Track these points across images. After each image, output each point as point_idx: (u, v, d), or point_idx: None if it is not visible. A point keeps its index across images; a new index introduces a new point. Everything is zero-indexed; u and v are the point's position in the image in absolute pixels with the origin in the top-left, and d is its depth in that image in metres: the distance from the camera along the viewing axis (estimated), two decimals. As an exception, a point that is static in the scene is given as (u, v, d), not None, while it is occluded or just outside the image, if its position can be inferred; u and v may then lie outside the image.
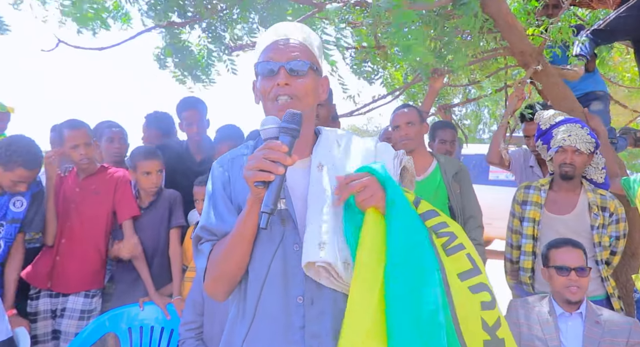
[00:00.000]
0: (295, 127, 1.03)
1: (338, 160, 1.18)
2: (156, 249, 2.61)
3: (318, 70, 1.18)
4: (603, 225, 2.44)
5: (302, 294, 1.09)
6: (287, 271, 1.09)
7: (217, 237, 1.17)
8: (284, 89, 1.12)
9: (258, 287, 1.11)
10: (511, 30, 2.56)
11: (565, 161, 2.47)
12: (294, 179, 1.15)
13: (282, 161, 0.98)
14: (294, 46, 1.15)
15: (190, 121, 2.96)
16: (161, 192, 2.69)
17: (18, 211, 2.39)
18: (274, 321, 1.10)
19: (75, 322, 2.48)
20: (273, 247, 1.10)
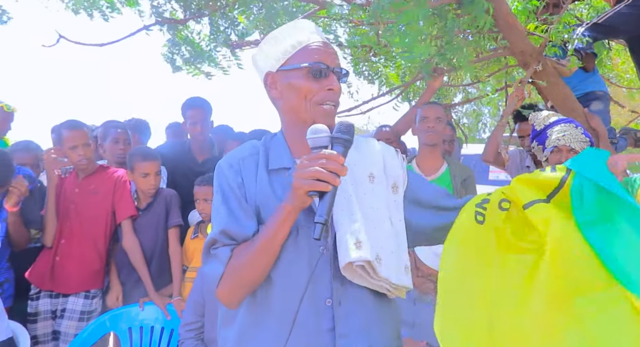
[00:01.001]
0: (349, 138, 1.03)
1: (351, 161, 1.18)
2: (155, 249, 2.61)
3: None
4: None
5: (331, 296, 1.09)
6: (315, 274, 1.07)
7: (237, 242, 1.11)
8: (333, 95, 1.14)
9: (290, 294, 1.07)
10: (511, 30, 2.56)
11: (560, 161, 2.48)
12: None
13: (339, 172, 0.98)
14: (332, 50, 1.18)
15: (195, 120, 2.96)
16: (159, 193, 2.68)
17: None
18: (303, 326, 1.07)
19: (75, 323, 2.47)
20: (316, 254, 1.08)
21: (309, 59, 1.15)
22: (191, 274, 2.52)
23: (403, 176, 1.25)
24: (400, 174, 1.24)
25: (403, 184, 1.24)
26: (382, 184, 1.18)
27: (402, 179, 1.24)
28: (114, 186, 2.61)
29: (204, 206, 2.54)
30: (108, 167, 2.73)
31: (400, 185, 1.23)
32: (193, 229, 2.68)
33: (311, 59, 1.14)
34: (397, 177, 1.23)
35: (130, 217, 2.59)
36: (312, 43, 1.17)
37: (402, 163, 1.26)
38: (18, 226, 2.39)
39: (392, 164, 1.25)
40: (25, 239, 2.47)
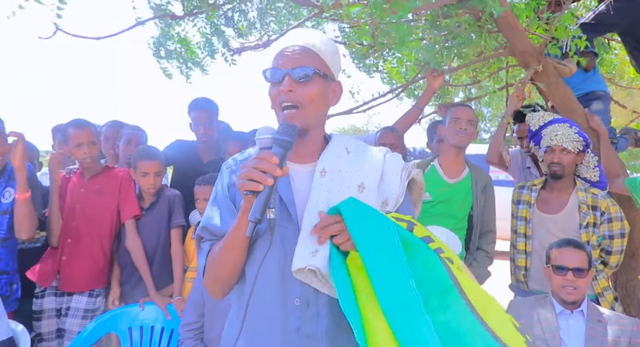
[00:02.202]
0: (287, 139, 1.05)
1: (345, 167, 1.19)
2: (157, 249, 2.61)
3: (326, 76, 1.18)
4: (594, 224, 2.44)
5: (299, 296, 1.11)
6: (285, 273, 1.10)
7: (217, 238, 1.19)
8: (287, 96, 1.13)
9: (250, 289, 1.13)
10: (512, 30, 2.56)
11: (554, 160, 2.50)
12: (300, 183, 1.18)
13: (271, 172, 1.00)
14: (300, 53, 1.15)
15: (198, 122, 2.97)
16: (162, 193, 2.69)
17: (7, 202, 2.38)
18: (271, 321, 1.12)
19: (79, 321, 2.48)
20: (262, 254, 1.11)
21: (269, 67, 1.18)
22: (192, 274, 2.52)
23: (398, 195, 1.20)
24: (395, 192, 1.20)
25: (394, 205, 1.19)
26: (372, 197, 1.15)
27: (395, 198, 1.20)
28: (119, 185, 2.62)
29: (204, 205, 2.54)
30: (113, 167, 2.74)
31: (390, 203, 1.19)
32: (193, 228, 2.68)
33: (270, 65, 1.18)
34: (391, 195, 1.20)
35: (134, 217, 2.60)
36: (279, 50, 1.18)
37: (403, 183, 1.21)
38: (29, 211, 2.33)
39: (391, 180, 1.21)
40: (35, 226, 2.40)
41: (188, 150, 3.05)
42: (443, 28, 2.67)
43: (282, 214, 1.14)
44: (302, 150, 1.21)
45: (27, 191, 2.30)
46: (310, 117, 1.15)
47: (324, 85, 1.17)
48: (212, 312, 2.17)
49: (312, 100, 1.15)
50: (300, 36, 1.19)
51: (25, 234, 2.34)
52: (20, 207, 2.30)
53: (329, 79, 1.19)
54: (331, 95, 1.22)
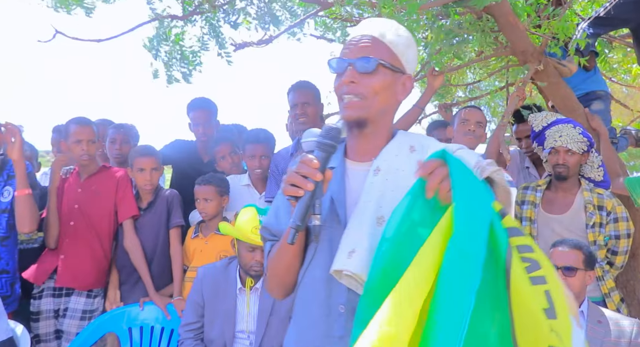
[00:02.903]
0: (329, 142, 0.99)
1: (403, 166, 1.09)
2: (155, 249, 2.61)
3: (394, 68, 1.09)
4: (600, 224, 2.43)
5: (345, 303, 1.05)
6: (332, 277, 1.04)
7: (277, 238, 1.18)
8: (348, 88, 1.07)
9: (295, 293, 1.12)
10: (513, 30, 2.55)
11: (558, 162, 2.49)
12: (355, 182, 1.11)
13: (311, 177, 0.95)
14: (367, 43, 1.09)
15: (197, 122, 2.96)
16: (159, 192, 2.69)
17: (6, 201, 2.38)
18: (314, 327, 1.08)
19: (77, 322, 2.48)
20: (307, 260, 1.08)
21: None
22: (191, 273, 2.51)
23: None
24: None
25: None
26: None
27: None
28: (116, 185, 2.62)
29: (204, 205, 2.53)
30: (110, 167, 2.74)
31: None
32: (193, 228, 2.68)
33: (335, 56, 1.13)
34: None
35: (132, 217, 2.60)
36: (348, 40, 1.13)
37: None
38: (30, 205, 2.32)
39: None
40: (36, 219, 2.40)
41: (187, 150, 3.04)
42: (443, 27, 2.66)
43: (331, 215, 1.08)
44: (361, 147, 1.14)
45: (27, 187, 2.30)
46: (372, 110, 1.08)
47: (391, 78, 1.10)
48: (212, 313, 2.17)
49: (375, 93, 1.07)
50: (371, 26, 1.13)
51: (27, 227, 2.33)
52: (20, 202, 2.29)
53: (398, 72, 1.11)
54: (400, 89, 1.13)
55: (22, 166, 2.29)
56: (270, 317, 2.10)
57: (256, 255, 2.09)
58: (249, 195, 2.74)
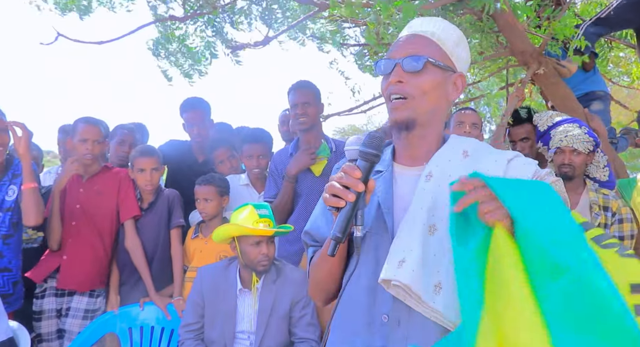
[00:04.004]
0: (372, 151, 0.95)
1: (456, 172, 1.02)
2: (156, 249, 2.61)
3: (445, 67, 1.05)
4: (605, 225, 2.43)
5: (388, 312, 1.00)
6: (377, 285, 1.00)
7: (319, 243, 1.16)
8: (395, 87, 1.03)
9: (337, 301, 1.05)
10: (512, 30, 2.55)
11: (564, 162, 2.47)
12: (404, 187, 1.06)
13: (353, 187, 0.92)
14: (415, 41, 1.05)
15: (191, 123, 2.96)
16: (160, 193, 2.69)
17: (10, 199, 2.39)
18: (354, 336, 1.04)
19: (79, 322, 2.48)
20: (350, 270, 1.02)
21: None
22: (191, 274, 2.52)
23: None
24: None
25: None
26: None
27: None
28: (118, 185, 2.63)
29: (204, 205, 2.54)
30: (112, 167, 2.74)
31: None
32: (193, 229, 2.68)
33: (382, 57, 1.10)
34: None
35: (133, 217, 2.60)
36: (396, 40, 1.10)
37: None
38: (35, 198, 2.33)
39: None
40: (41, 212, 2.40)
41: (182, 149, 3.05)
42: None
43: (378, 222, 1.04)
44: (411, 151, 1.09)
45: (33, 181, 2.32)
46: (421, 110, 1.03)
47: (441, 77, 1.05)
48: (212, 313, 2.18)
49: (424, 93, 1.03)
50: (420, 24, 1.09)
51: (32, 220, 2.34)
52: (26, 195, 2.31)
53: (449, 70, 1.06)
54: (451, 89, 1.08)
55: (29, 160, 2.31)
56: (270, 317, 2.11)
57: (262, 248, 2.08)
58: (248, 194, 2.75)
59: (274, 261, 2.18)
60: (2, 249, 2.36)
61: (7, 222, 2.38)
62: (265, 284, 2.15)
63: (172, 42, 2.95)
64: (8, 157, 2.44)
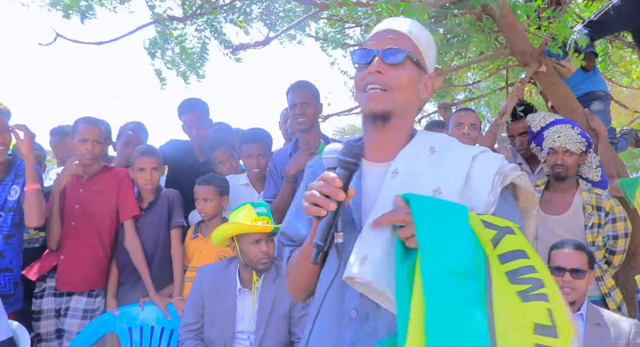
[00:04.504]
0: (351, 160, 0.96)
1: (422, 169, 1.04)
2: (156, 249, 2.61)
3: (420, 64, 1.07)
4: (599, 224, 2.44)
5: (357, 307, 1.02)
6: (344, 282, 1.01)
7: (296, 243, 1.18)
8: (374, 78, 1.03)
9: (317, 302, 1.09)
10: (512, 30, 2.55)
11: (557, 162, 2.50)
12: (372, 184, 1.08)
13: (334, 196, 0.93)
14: (395, 35, 1.06)
15: (190, 125, 2.96)
16: (160, 192, 2.69)
17: (12, 199, 2.40)
18: (327, 333, 1.06)
19: (78, 322, 2.48)
20: (330, 278, 1.03)
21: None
22: (191, 273, 2.52)
23: (487, 203, 1.01)
24: (483, 199, 1.01)
25: (483, 214, 1.00)
26: None
27: (483, 206, 1.01)
28: (118, 185, 2.63)
29: (203, 205, 2.54)
30: (112, 167, 2.74)
31: (477, 212, 1.00)
32: (193, 228, 2.68)
33: (360, 47, 1.10)
34: (477, 202, 1.01)
35: (133, 217, 2.60)
36: (370, 35, 1.11)
37: (496, 189, 1.02)
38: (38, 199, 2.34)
39: (478, 186, 1.02)
40: (44, 213, 2.42)
41: (183, 149, 3.04)
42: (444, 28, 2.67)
43: (346, 219, 1.04)
44: (380, 147, 1.09)
45: (36, 182, 2.32)
46: (397, 103, 1.04)
47: (416, 74, 1.07)
48: (212, 313, 2.18)
49: (401, 86, 1.04)
50: (396, 22, 1.11)
51: (35, 221, 2.35)
52: (29, 196, 2.32)
53: (422, 69, 1.09)
54: (423, 88, 1.10)
55: (32, 161, 2.32)
56: (270, 317, 2.11)
57: (262, 246, 2.09)
58: (247, 194, 2.74)
59: (273, 260, 2.18)
60: (4, 249, 2.37)
61: (9, 222, 2.39)
62: (265, 283, 2.15)
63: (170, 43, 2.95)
64: (10, 158, 2.44)
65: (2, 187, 2.39)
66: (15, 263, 2.42)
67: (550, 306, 0.88)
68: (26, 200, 2.33)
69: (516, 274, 0.91)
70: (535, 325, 0.86)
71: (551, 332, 0.85)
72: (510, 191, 1.10)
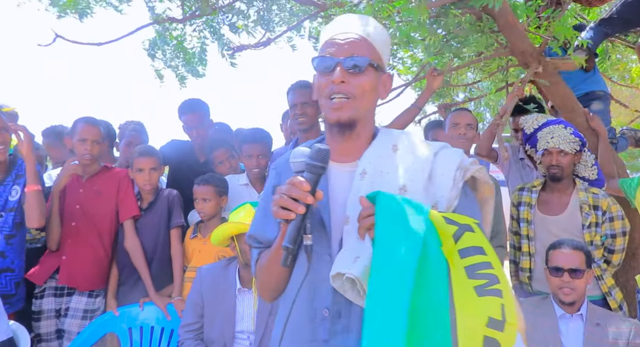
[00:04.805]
0: (319, 164, 0.98)
1: (387, 168, 1.08)
2: (156, 249, 2.61)
3: (379, 67, 1.10)
4: (596, 224, 2.45)
5: (329, 306, 1.05)
6: (315, 281, 1.05)
7: (263, 245, 1.19)
8: (338, 87, 1.05)
9: (288, 302, 1.10)
10: (512, 30, 2.55)
11: (552, 163, 2.51)
12: (338, 184, 1.11)
13: (302, 200, 0.96)
14: (354, 41, 1.07)
15: (190, 125, 2.97)
16: (160, 193, 2.69)
17: (13, 200, 2.40)
18: (300, 332, 1.08)
19: (78, 322, 2.48)
20: (300, 279, 1.06)
21: (319, 54, 1.10)
22: (190, 273, 2.52)
23: (450, 198, 1.05)
24: (446, 195, 1.05)
25: (447, 208, 1.05)
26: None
27: (446, 201, 1.05)
28: (118, 185, 2.63)
29: (202, 205, 2.54)
30: (112, 167, 2.74)
31: (441, 207, 1.05)
32: (192, 228, 2.68)
33: (320, 53, 1.11)
34: (441, 197, 1.05)
35: (133, 217, 2.61)
36: (328, 38, 1.11)
37: (457, 184, 1.07)
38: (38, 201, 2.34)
39: (441, 181, 1.06)
40: (44, 215, 2.42)
41: (184, 150, 3.04)
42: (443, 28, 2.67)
43: (314, 220, 1.06)
44: (344, 148, 1.12)
45: (36, 183, 2.32)
46: (362, 109, 1.08)
47: (375, 77, 1.10)
48: (211, 313, 2.18)
49: (364, 93, 1.07)
50: (354, 23, 1.11)
51: (35, 223, 2.35)
52: (29, 198, 2.32)
53: (381, 71, 1.11)
54: (381, 89, 1.13)
55: (32, 162, 2.32)
56: (270, 317, 2.10)
57: None
58: (247, 194, 2.74)
59: None
60: (5, 250, 2.37)
61: (10, 222, 2.39)
62: (265, 284, 2.15)
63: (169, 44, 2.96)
64: (12, 158, 2.45)
65: (3, 188, 2.40)
66: (17, 263, 2.42)
67: (503, 302, 0.94)
68: (26, 201, 2.33)
69: (474, 269, 0.97)
70: (490, 318, 0.92)
71: (499, 327, 0.92)
72: (470, 183, 1.14)
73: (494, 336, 0.91)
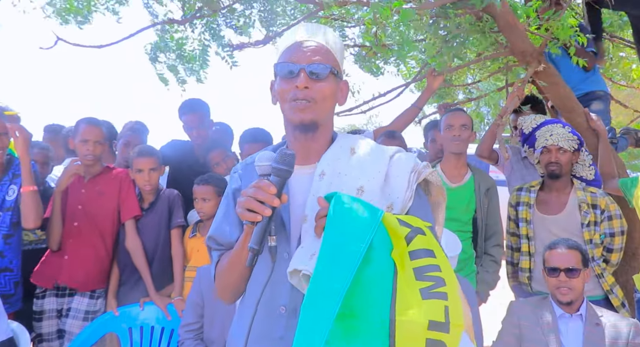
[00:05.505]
0: (285, 168, 1.02)
1: (345, 170, 1.13)
2: (156, 249, 2.62)
3: (338, 75, 1.16)
4: (595, 222, 2.46)
5: (286, 304, 1.08)
6: (274, 280, 1.07)
7: (224, 247, 1.20)
8: (302, 93, 1.10)
9: (250, 298, 1.12)
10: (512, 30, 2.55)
11: (551, 160, 2.52)
12: (298, 186, 1.15)
13: (269, 202, 0.98)
14: (316, 49, 1.13)
15: (190, 126, 2.97)
16: (161, 193, 2.70)
17: (10, 199, 2.40)
18: (260, 330, 1.10)
19: (79, 323, 2.48)
20: (263, 280, 1.07)
21: (280, 60, 1.15)
22: (190, 273, 2.52)
23: (405, 199, 1.11)
24: (401, 196, 1.11)
25: (402, 209, 1.11)
26: (372, 201, 1.06)
27: (401, 202, 1.11)
28: (119, 186, 2.63)
29: (202, 205, 2.54)
30: (113, 168, 2.74)
31: (396, 208, 1.11)
32: (191, 228, 2.69)
33: (282, 59, 1.15)
34: (396, 199, 1.11)
35: (134, 217, 2.61)
36: (290, 44, 1.15)
37: (412, 186, 1.13)
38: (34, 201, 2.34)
39: (396, 183, 1.13)
40: (41, 216, 2.41)
41: (184, 150, 3.05)
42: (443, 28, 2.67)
43: (277, 224, 1.09)
44: (305, 151, 1.17)
45: (32, 184, 2.32)
46: (323, 113, 1.13)
47: (335, 84, 1.15)
48: (211, 313, 2.18)
49: (324, 98, 1.12)
50: (314, 32, 1.16)
51: (31, 223, 2.36)
52: (25, 198, 2.32)
53: (339, 78, 1.17)
54: (340, 95, 1.19)
55: (28, 163, 2.32)
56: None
57: None
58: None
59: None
60: (3, 249, 2.38)
61: (8, 222, 2.39)
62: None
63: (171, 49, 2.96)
64: (9, 158, 2.45)
65: (0, 187, 2.40)
66: (15, 263, 2.42)
67: (447, 304, 0.97)
68: (22, 202, 2.34)
69: (422, 271, 0.99)
70: (430, 322, 0.94)
71: (444, 328, 0.95)
72: (423, 186, 1.20)
73: (438, 337, 0.94)
